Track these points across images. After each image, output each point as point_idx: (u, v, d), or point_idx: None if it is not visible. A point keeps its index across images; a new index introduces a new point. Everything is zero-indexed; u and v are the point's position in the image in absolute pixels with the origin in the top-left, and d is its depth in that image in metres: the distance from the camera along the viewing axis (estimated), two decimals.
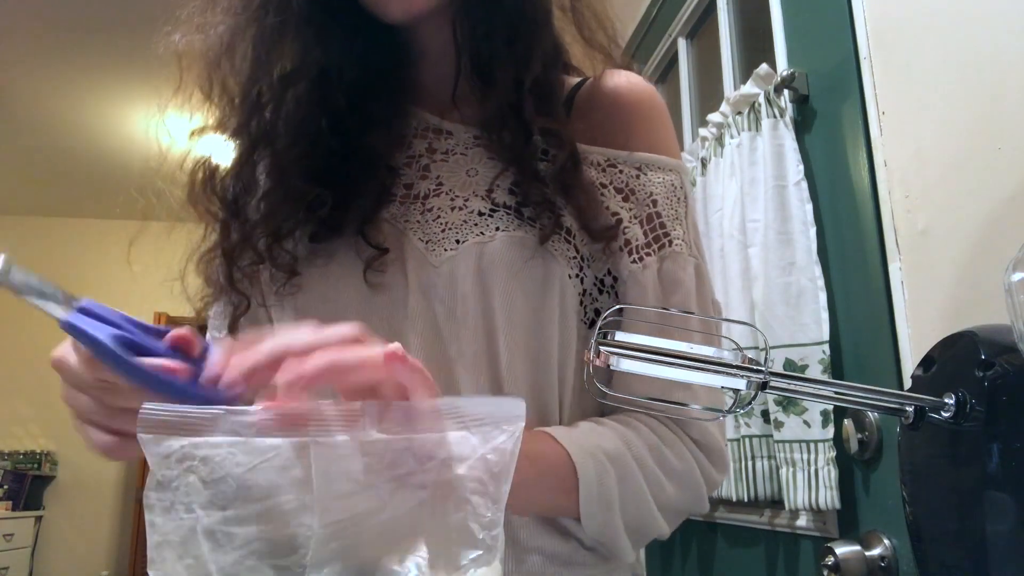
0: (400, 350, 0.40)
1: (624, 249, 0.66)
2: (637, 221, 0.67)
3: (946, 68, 0.87)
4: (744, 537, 1.35)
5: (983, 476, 0.51)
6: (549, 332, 0.63)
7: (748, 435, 1.23)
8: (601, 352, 0.46)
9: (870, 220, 1.00)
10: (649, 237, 0.66)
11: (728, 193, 1.29)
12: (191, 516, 0.37)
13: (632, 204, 0.67)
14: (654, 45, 1.95)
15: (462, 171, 0.69)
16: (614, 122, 0.70)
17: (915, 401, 0.56)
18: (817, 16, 1.17)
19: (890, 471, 0.96)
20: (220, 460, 0.37)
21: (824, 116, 1.15)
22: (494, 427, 0.39)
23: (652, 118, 0.71)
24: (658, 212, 0.67)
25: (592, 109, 0.71)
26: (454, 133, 0.71)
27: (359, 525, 0.37)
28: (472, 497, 0.38)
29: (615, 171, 0.68)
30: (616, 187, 0.68)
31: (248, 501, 0.37)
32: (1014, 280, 0.49)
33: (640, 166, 0.68)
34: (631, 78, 0.72)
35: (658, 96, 0.73)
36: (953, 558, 0.55)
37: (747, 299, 1.20)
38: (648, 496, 0.59)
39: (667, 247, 0.66)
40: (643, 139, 0.69)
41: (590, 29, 0.73)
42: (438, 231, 0.65)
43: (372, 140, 0.69)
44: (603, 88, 0.71)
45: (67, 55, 3.62)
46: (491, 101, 0.66)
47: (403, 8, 0.65)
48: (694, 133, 1.66)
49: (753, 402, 0.46)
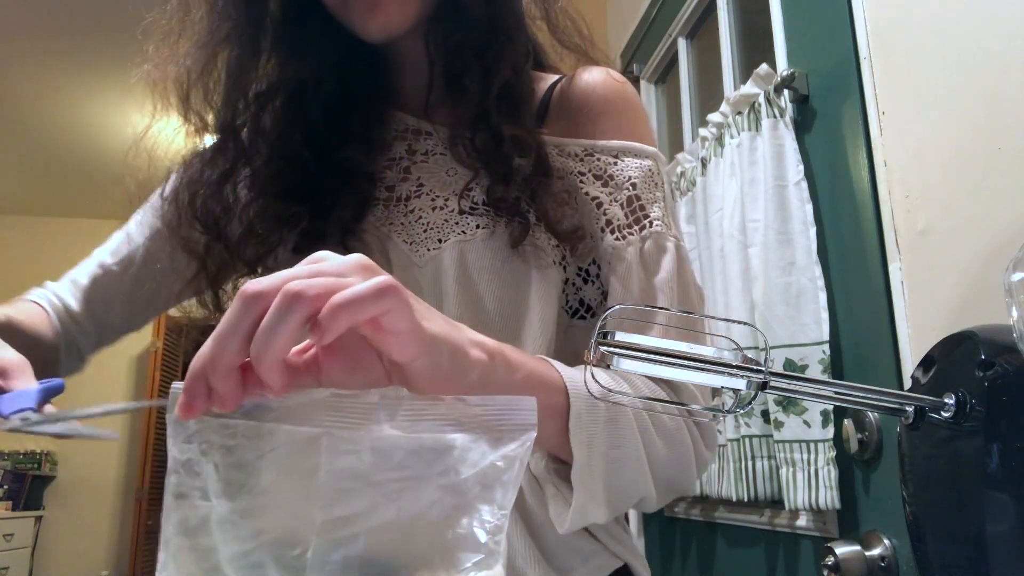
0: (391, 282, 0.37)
1: (607, 229, 0.67)
2: (617, 203, 0.67)
3: (946, 68, 0.87)
4: (744, 537, 1.35)
5: (983, 476, 0.51)
6: (532, 322, 0.64)
7: (748, 435, 1.23)
8: (601, 352, 0.45)
9: (870, 220, 1.00)
10: (630, 219, 0.67)
11: (728, 193, 1.29)
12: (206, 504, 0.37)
13: (611, 188, 0.68)
14: (654, 45, 1.95)
15: (442, 171, 0.71)
16: (588, 115, 0.71)
17: (915, 401, 0.56)
18: (817, 16, 1.17)
19: (890, 471, 0.96)
20: (233, 445, 0.37)
21: (824, 116, 1.15)
22: (506, 433, 0.39)
23: (625, 110, 0.72)
24: (637, 195, 0.67)
25: (568, 105, 0.72)
26: (433, 133, 0.73)
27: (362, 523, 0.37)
28: (478, 502, 0.38)
29: (592, 159, 0.69)
30: (595, 174, 0.69)
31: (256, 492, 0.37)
32: (1014, 280, 0.49)
33: (616, 153, 0.69)
34: (605, 73, 0.73)
35: (631, 88, 0.74)
36: (953, 558, 0.55)
37: (747, 299, 1.20)
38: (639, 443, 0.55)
39: (648, 227, 0.66)
40: (617, 129, 0.70)
41: (565, 33, 0.76)
42: (420, 231, 0.67)
43: (349, 151, 0.71)
44: (577, 84, 0.73)
45: (67, 55, 3.62)
46: (461, 107, 0.69)
47: (381, 27, 0.67)
48: (694, 133, 1.66)
49: (753, 402, 0.46)
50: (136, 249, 0.79)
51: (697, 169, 1.48)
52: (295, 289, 0.35)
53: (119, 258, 0.79)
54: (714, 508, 1.44)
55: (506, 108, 0.68)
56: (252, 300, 0.36)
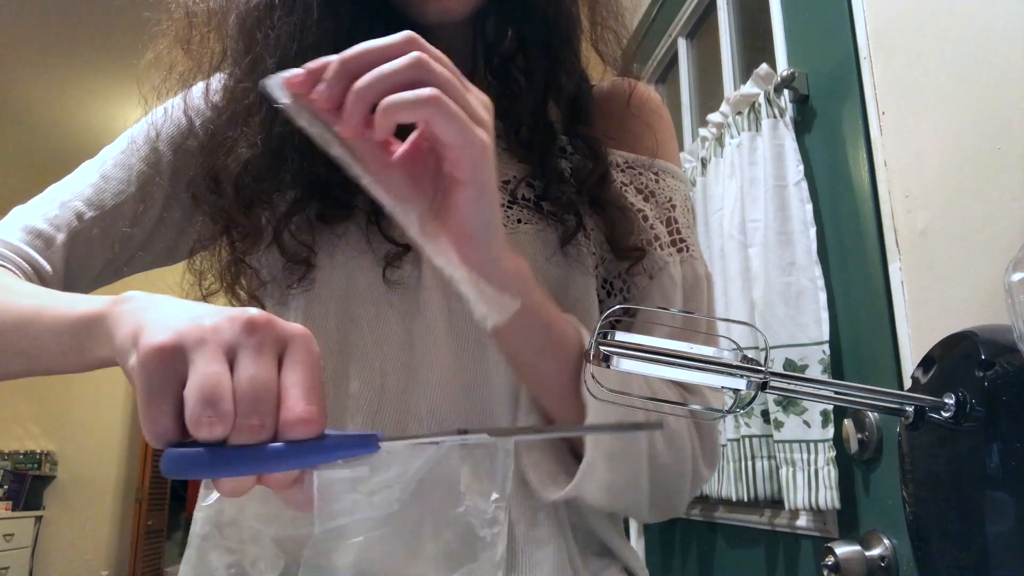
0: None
1: (655, 243, 0.67)
2: (660, 221, 0.68)
3: (946, 68, 0.87)
4: (744, 537, 1.35)
5: (983, 476, 0.51)
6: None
7: (748, 435, 1.23)
8: (601, 352, 0.45)
9: (870, 220, 1.00)
10: (670, 239, 0.68)
11: (728, 193, 1.29)
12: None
13: (652, 205, 0.69)
14: (654, 45, 1.95)
15: None
16: (634, 127, 0.72)
17: (915, 401, 0.56)
18: (817, 16, 1.17)
19: (890, 471, 0.96)
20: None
21: (824, 116, 1.15)
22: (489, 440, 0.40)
23: (666, 128, 0.74)
24: (676, 218, 0.69)
25: (609, 113, 0.72)
26: None
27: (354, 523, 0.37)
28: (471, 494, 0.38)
29: (634, 172, 0.70)
30: (636, 187, 0.69)
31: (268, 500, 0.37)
32: (1014, 280, 0.49)
33: (658, 172, 0.70)
34: (647, 88, 0.75)
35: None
36: (953, 558, 0.55)
37: (747, 299, 1.20)
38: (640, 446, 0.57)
39: (686, 252, 0.68)
40: (660, 147, 0.72)
41: (607, 45, 0.74)
42: None
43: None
44: (622, 94, 0.73)
45: (67, 55, 3.62)
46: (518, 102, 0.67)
47: (440, 12, 0.63)
48: (694, 133, 1.66)
49: (753, 402, 0.46)
50: (124, 200, 0.67)
51: (697, 169, 1.48)
52: (429, 66, 0.42)
53: (102, 209, 0.67)
54: (714, 508, 1.44)
55: (574, 110, 0.68)
56: (411, 43, 0.42)
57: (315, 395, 0.36)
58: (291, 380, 0.36)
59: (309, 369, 0.37)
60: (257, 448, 0.35)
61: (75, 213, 0.65)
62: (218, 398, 0.34)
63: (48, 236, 0.64)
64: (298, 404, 0.35)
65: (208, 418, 0.34)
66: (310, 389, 0.36)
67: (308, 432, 0.35)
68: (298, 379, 0.36)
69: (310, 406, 0.35)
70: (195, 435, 0.34)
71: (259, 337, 0.36)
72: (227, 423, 0.34)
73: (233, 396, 0.34)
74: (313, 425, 0.35)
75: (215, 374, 0.34)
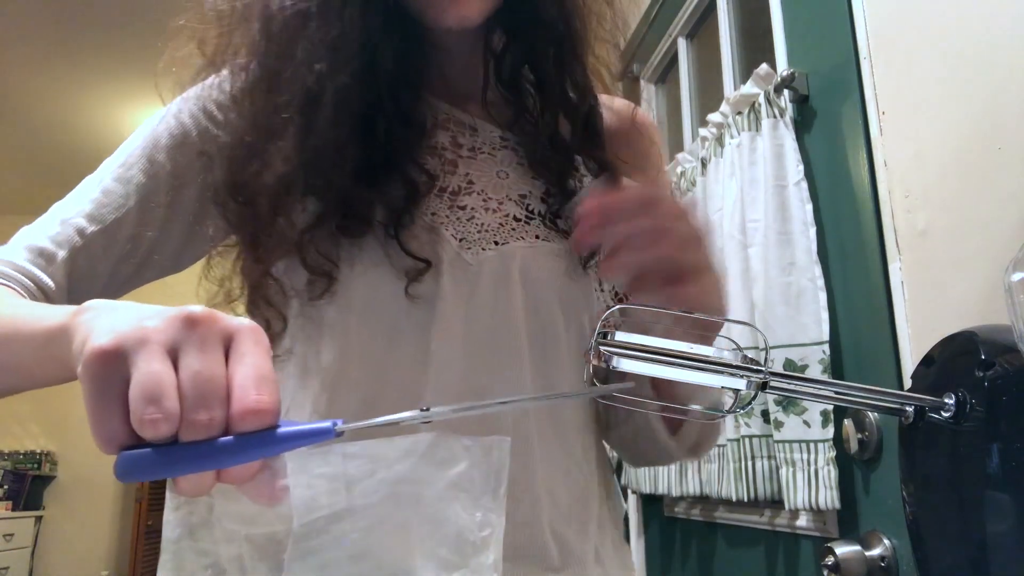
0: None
1: None
2: None
3: (946, 68, 0.87)
4: (744, 537, 1.35)
5: (983, 476, 0.51)
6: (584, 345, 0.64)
7: (748, 435, 1.22)
8: (601, 352, 0.45)
9: (870, 220, 1.00)
10: None
11: (728, 193, 1.29)
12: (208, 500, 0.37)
13: None
14: (654, 45, 1.95)
15: (492, 172, 0.69)
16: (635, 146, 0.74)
17: (915, 401, 0.56)
18: (817, 16, 1.17)
19: (890, 471, 0.96)
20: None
21: (824, 116, 1.15)
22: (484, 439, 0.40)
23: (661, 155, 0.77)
24: None
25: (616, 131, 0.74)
26: (479, 130, 0.72)
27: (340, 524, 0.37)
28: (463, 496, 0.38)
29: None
30: None
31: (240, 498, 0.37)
32: (1014, 280, 0.49)
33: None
34: (638, 108, 0.77)
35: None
36: (953, 558, 0.55)
37: (747, 299, 1.20)
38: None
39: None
40: (655, 166, 0.75)
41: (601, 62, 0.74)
42: (474, 231, 0.64)
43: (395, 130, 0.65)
44: (621, 112, 0.75)
45: (67, 55, 3.62)
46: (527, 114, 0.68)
47: (458, 17, 0.63)
48: (694, 133, 1.66)
49: (753, 402, 0.46)
50: (125, 214, 0.67)
51: (697, 169, 1.48)
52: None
53: (103, 224, 0.66)
54: (714, 508, 1.44)
55: (586, 130, 0.69)
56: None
57: (265, 385, 0.35)
58: (239, 372, 0.35)
59: (257, 360, 0.36)
60: (206, 444, 0.34)
61: (76, 229, 0.66)
62: (160, 395, 0.33)
63: (50, 253, 0.64)
64: (247, 395, 0.34)
65: (151, 416, 0.33)
66: (259, 379, 0.35)
67: (259, 423, 0.34)
68: (246, 370, 0.35)
69: (260, 396, 0.35)
70: (142, 435, 0.34)
71: (201, 332, 0.36)
72: (172, 420, 0.33)
73: (180, 393, 0.34)
74: (264, 416, 0.34)
75: (156, 372, 0.34)
